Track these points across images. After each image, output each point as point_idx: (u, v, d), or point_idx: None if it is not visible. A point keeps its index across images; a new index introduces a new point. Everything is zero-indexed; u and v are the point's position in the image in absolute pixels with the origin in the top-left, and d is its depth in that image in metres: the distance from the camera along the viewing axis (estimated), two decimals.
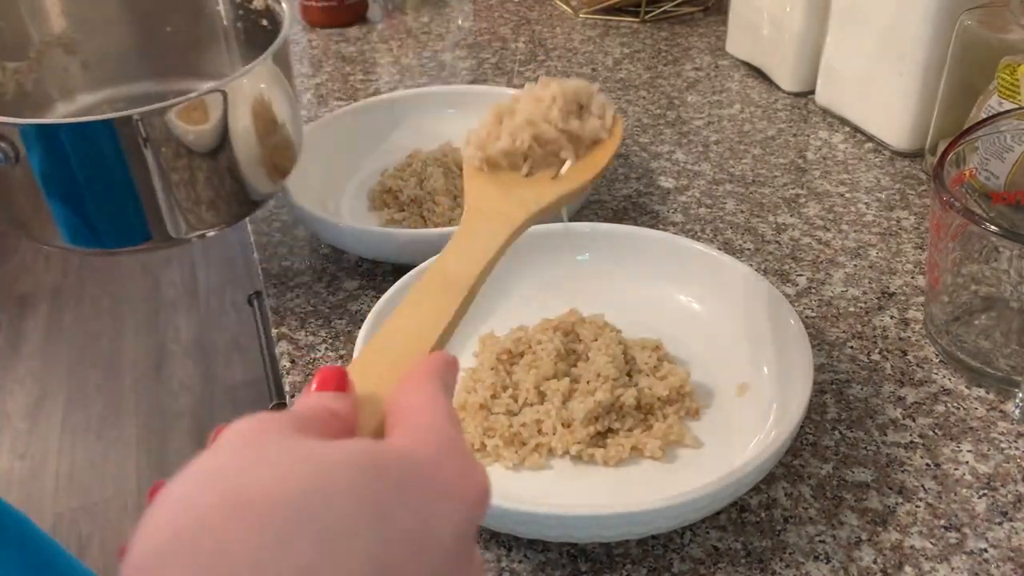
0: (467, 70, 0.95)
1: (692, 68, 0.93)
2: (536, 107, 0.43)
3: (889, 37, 0.73)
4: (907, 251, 0.67)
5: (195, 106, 0.52)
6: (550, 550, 0.47)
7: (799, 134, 0.82)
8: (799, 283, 0.64)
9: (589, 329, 0.56)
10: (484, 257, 0.37)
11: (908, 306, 0.62)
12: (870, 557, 0.46)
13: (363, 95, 0.90)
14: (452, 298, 0.35)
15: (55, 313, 2.01)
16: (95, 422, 1.75)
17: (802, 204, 0.72)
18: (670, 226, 0.70)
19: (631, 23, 1.03)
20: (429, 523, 0.25)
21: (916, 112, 0.74)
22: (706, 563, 0.46)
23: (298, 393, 0.57)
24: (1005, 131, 0.58)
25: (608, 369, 0.52)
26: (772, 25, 0.86)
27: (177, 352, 1.89)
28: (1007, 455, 0.51)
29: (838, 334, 0.60)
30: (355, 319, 0.62)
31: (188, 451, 1.77)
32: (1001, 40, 0.65)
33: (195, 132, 0.52)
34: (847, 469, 0.51)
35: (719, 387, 0.55)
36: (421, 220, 0.69)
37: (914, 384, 0.56)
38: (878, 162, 0.77)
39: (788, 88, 0.87)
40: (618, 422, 0.51)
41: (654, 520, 0.44)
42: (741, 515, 0.48)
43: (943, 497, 0.49)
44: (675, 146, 0.81)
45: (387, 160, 0.75)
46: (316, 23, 1.05)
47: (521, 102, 0.44)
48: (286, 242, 0.71)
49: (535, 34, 1.02)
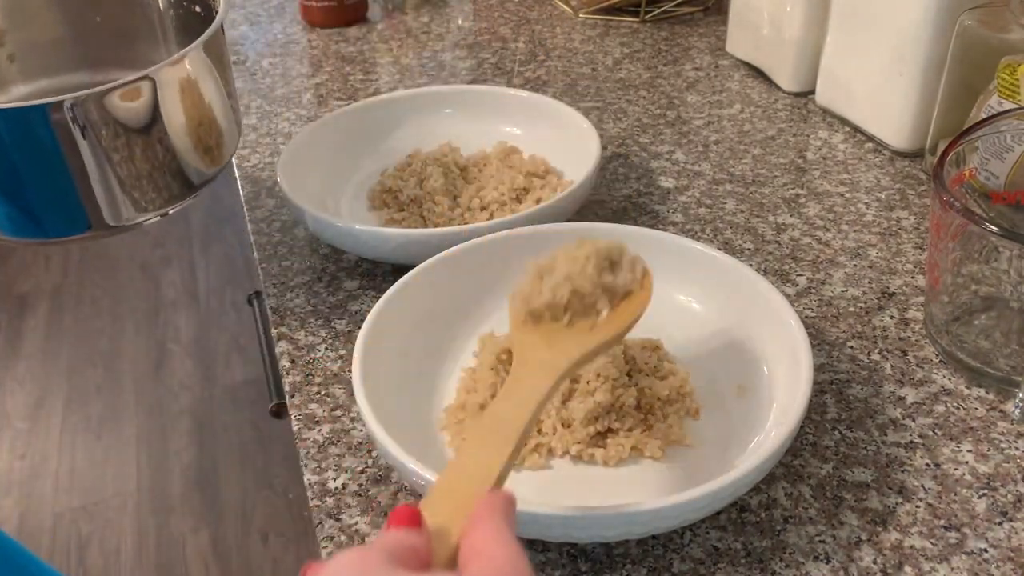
0: (467, 70, 0.95)
1: (692, 68, 0.93)
2: (573, 265, 0.47)
3: (889, 37, 0.74)
4: (907, 251, 0.67)
5: (126, 93, 0.52)
6: (550, 550, 0.47)
7: (799, 134, 0.82)
8: (799, 283, 0.64)
9: None
10: (533, 404, 0.41)
11: (908, 306, 0.62)
12: (870, 557, 0.46)
13: (363, 95, 0.91)
14: (506, 444, 0.39)
15: (55, 313, 2.01)
16: (95, 422, 1.75)
17: (802, 204, 0.72)
18: (670, 226, 0.70)
19: (631, 23, 1.03)
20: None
21: (916, 112, 0.74)
22: (706, 563, 0.46)
23: (298, 393, 0.57)
24: (1005, 131, 0.58)
25: (608, 369, 0.52)
26: (772, 25, 0.86)
27: (177, 352, 1.89)
28: (1007, 455, 0.51)
29: (838, 334, 0.60)
30: (355, 319, 0.63)
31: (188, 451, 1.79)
32: (1001, 40, 0.65)
33: (126, 119, 0.53)
34: (847, 469, 0.51)
35: (719, 387, 0.55)
36: (421, 220, 0.69)
37: (914, 384, 0.56)
38: (878, 162, 0.77)
39: (788, 88, 0.87)
40: (618, 422, 0.51)
41: (654, 520, 0.44)
42: (741, 515, 0.48)
43: (943, 497, 0.49)
44: (675, 146, 0.81)
45: (387, 160, 0.75)
46: (316, 23, 1.05)
47: (559, 260, 0.48)
48: (286, 242, 0.71)
49: (535, 34, 1.02)
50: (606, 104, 0.87)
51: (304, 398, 0.57)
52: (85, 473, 1.65)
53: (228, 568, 1.49)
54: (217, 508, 1.57)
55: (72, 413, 1.77)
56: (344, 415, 0.56)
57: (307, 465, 0.53)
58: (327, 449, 0.54)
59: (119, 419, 1.75)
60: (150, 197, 0.57)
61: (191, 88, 0.56)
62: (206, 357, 1.87)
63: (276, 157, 0.81)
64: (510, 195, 0.69)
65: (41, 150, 0.52)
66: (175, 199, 0.59)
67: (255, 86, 0.94)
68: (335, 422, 0.55)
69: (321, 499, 0.51)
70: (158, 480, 1.63)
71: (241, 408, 1.76)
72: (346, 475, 0.52)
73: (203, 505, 1.58)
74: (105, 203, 0.55)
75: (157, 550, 1.51)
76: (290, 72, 0.96)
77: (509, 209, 0.69)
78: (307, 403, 0.57)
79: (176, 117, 0.55)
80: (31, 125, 0.51)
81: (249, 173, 0.80)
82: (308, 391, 0.58)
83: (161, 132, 0.55)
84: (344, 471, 0.52)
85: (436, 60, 0.98)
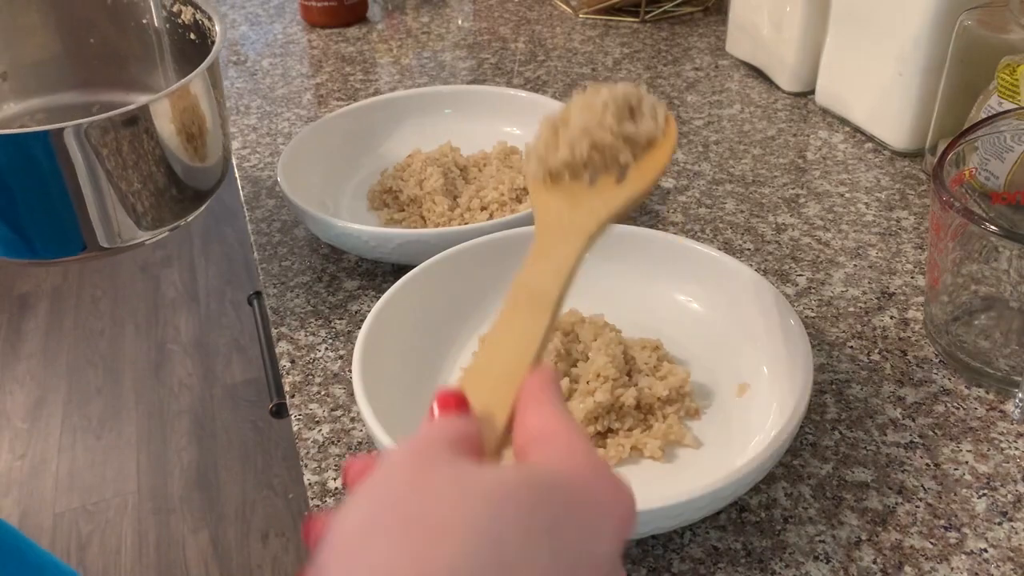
0: (467, 70, 0.95)
1: (692, 68, 0.93)
2: (589, 115, 0.43)
3: (889, 37, 0.74)
4: (907, 251, 0.67)
5: (123, 119, 0.53)
6: None
7: (799, 134, 0.82)
8: (799, 283, 0.64)
9: (589, 329, 0.56)
10: (566, 271, 0.38)
11: (908, 306, 0.62)
12: (870, 557, 0.46)
13: (363, 95, 0.91)
14: (542, 315, 0.36)
15: (55, 313, 2.01)
16: (95, 422, 1.75)
17: (802, 204, 0.72)
18: (670, 226, 0.70)
19: (631, 23, 1.03)
20: (592, 542, 0.26)
21: (916, 112, 0.74)
22: (706, 563, 0.46)
23: (298, 393, 0.57)
24: (1005, 131, 0.58)
25: (608, 369, 0.52)
26: (772, 25, 0.86)
27: (177, 352, 1.89)
28: (1007, 455, 0.51)
29: (838, 334, 0.60)
30: (355, 319, 0.63)
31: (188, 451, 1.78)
32: (1001, 40, 0.65)
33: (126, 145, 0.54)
34: (847, 469, 0.51)
35: (719, 387, 0.55)
36: (421, 220, 0.69)
37: (914, 384, 0.56)
38: (878, 162, 0.77)
39: (788, 88, 0.87)
40: (618, 422, 0.51)
41: (654, 520, 0.44)
42: (741, 515, 0.48)
43: (943, 497, 0.49)
44: None
45: (387, 160, 0.75)
46: (316, 23, 1.05)
47: (573, 111, 0.44)
48: (286, 242, 0.71)
49: (535, 34, 1.02)
50: None
51: (304, 398, 0.57)
52: (85, 473, 1.65)
53: (228, 568, 1.48)
54: (217, 508, 1.57)
55: (72, 413, 1.77)
56: (344, 415, 0.56)
57: (307, 465, 0.53)
58: (327, 449, 0.54)
59: (119, 419, 1.75)
60: (146, 219, 0.57)
61: (190, 114, 0.57)
62: (206, 357, 1.87)
63: (276, 157, 0.81)
64: (510, 195, 0.69)
65: (40, 175, 0.52)
66: (165, 224, 0.60)
67: (255, 86, 0.94)
68: (335, 422, 0.55)
69: (321, 499, 0.51)
70: (158, 480, 1.63)
71: (241, 408, 1.76)
72: None
73: (203, 505, 1.58)
74: (100, 225, 0.55)
75: (157, 550, 1.51)
76: (290, 72, 0.96)
77: (509, 209, 0.69)
78: (307, 403, 0.57)
79: (173, 142, 0.56)
80: (31, 151, 0.51)
81: (249, 173, 0.80)
82: (308, 391, 0.58)
83: (159, 157, 0.56)
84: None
85: (436, 60, 0.98)
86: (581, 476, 0.28)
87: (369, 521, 0.25)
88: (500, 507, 0.25)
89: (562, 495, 0.26)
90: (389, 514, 0.25)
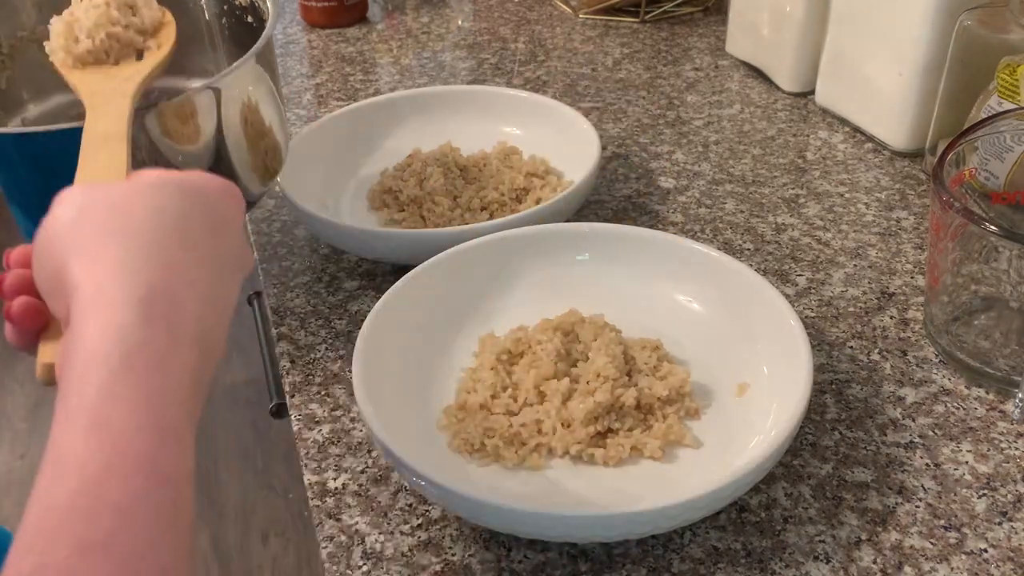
0: (467, 70, 0.95)
1: (692, 68, 0.93)
2: (97, 14, 0.53)
3: (889, 37, 0.74)
4: (907, 251, 0.67)
5: (180, 105, 0.52)
6: (550, 550, 0.47)
7: (799, 134, 0.82)
8: (799, 283, 0.64)
9: (589, 329, 0.56)
10: (126, 119, 0.46)
11: (908, 306, 0.62)
12: (870, 557, 0.46)
13: (363, 95, 0.91)
14: (119, 146, 0.44)
15: None
16: None
17: (802, 204, 0.72)
18: (670, 226, 0.70)
19: (631, 23, 1.03)
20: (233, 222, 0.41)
21: (916, 112, 0.74)
22: (706, 563, 0.46)
23: (298, 393, 0.57)
24: (1005, 131, 0.58)
25: (608, 369, 0.52)
26: (772, 25, 0.86)
27: None
28: (1007, 455, 0.51)
29: (838, 334, 0.60)
30: (355, 319, 0.63)
31: None
32: (1001, 40, 0.65)
33: (180, 132, 0.52)
34: (847, 469, 0.51)
35: (719, 387, 0.55)
36: (421, 220, 0.69)
37: (914, 384, 0.56)
38: (878, 162, 0.77)
39: (788, 88, 0.87)
40: (618, 422, 0.51)
41: (654, 520, 0.44)
42: (741, 515, 0.48)
43: (943, 497, 0.49)
44: (675, 146, 0.81)
45: (387, 160, 0.75)
46: (316, 23, 1.05)
47: (77, 10, 0.53)
48: (286, 242, 0.71)
49: (535, 34, 1.02)
50: (606, 104, 0.87)
51: (304, 398, 0.57)
52: None
53: (228, 568, 1.49)
54: (217, 508, 1.57)
55: None
56: (344, 415, 0.56)
57: (307, 465, 0.53)
58: (327, 449, 0.54)
59: None
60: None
61: (246, 100, 0.56)
62: None
63: None
64: (510, 195, 0.69)
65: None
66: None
67: None
68: (335, 422, 0.55)
69: (321, 499, 0.51)
70: None
71: (241, 408, 1.76)
72: (346, 475, 0.52)
73: (203, 505, 1.58)
74: None
75: None
76: (290, 72, 0.96)
77: (509, 209, 0.69)
78: (307, 403, 0.57)
79: (232, 130, 0.56)
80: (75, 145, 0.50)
81: None
82: (308, 391, 0.58)
83: (215, 146, 0.55)
84: (344, 471, 0.52)
85: (436, 60, 0.98)
86: (202, 177, 0.40)
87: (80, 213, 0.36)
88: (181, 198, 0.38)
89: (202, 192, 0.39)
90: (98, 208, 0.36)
